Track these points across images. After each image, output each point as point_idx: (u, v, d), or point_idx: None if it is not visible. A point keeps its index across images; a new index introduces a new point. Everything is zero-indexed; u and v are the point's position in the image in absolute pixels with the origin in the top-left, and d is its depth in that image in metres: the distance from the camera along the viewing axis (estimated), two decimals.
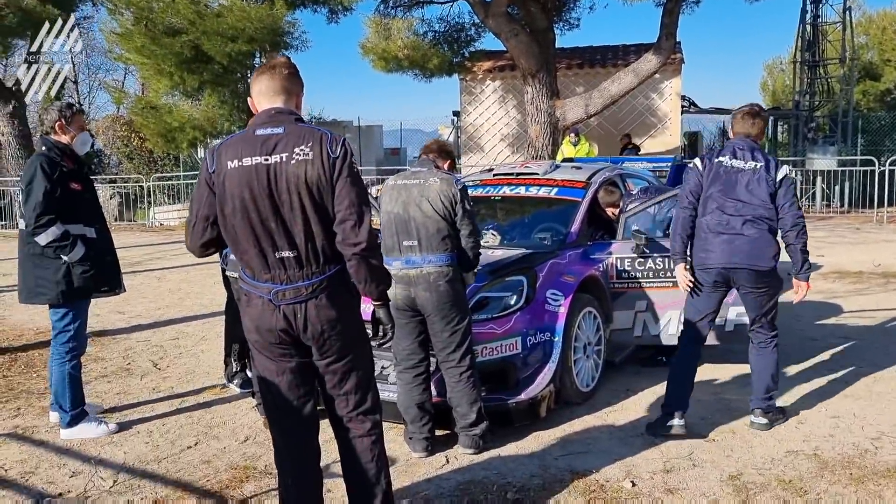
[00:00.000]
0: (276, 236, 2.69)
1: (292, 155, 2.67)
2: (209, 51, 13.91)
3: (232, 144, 2.74)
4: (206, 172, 2.75)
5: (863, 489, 3.55)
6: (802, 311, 7.17)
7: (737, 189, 4.23)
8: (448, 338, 3.98)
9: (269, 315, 2.73)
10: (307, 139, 2.70)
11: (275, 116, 2.77)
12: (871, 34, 27.48)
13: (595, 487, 3.62)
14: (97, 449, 4.26)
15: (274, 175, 2.66)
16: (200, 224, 2.79)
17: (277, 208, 2.67)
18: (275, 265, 2.71)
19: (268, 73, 2.83)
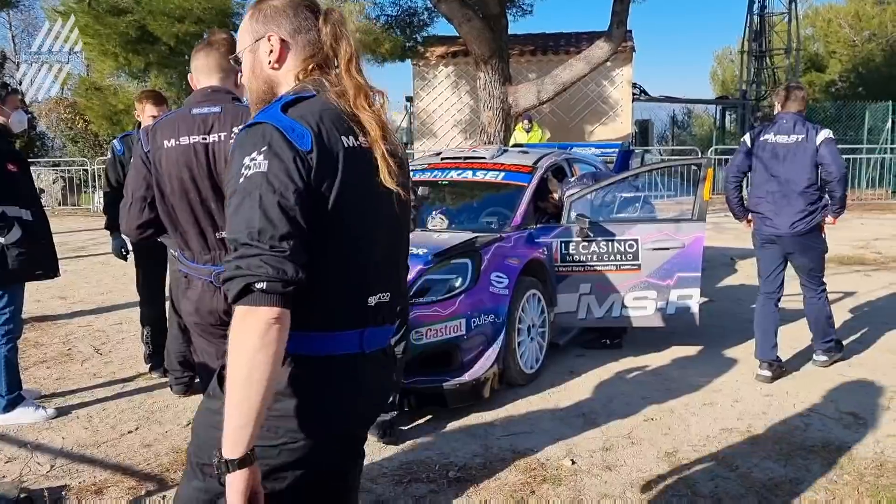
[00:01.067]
0: (216, 216, 2.65)
1: (230, 134, 2.65)
2: (155, 31, 13.63)
3: (167, 123, 2.69)
4: (142, 152, 2.70)
5: (792, 463, 3.67)
6: (742, 294, 7.38)
7: (782, 164, 4.80)
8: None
9: (210, 297, 2.69)
10: (245, 119, 2.66)
11: (211, 95, 2.74)
12: (817, 26, 28.20)
13: (536, 466, 3.68)
14: (34, 434, 4.18)
15: (213, 154, 2.63)
16: (137, 205, 2.72)
17: (217, 188, 2.62)
18: (215, 246, 2.68)
19: (204, 50, 2.79)
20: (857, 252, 9.62)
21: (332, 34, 1.72)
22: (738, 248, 10.19)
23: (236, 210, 1.52)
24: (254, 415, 1.45)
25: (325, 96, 1.66)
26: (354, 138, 1.64)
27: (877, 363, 5.18)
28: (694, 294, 5.22)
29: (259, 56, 1.75)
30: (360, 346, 1.67)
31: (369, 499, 3.37)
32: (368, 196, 1.66)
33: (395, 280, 1.81)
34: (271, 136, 1.52)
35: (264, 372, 1.45)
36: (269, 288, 1.46)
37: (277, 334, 1.47)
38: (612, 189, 5.62)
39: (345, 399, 1.65)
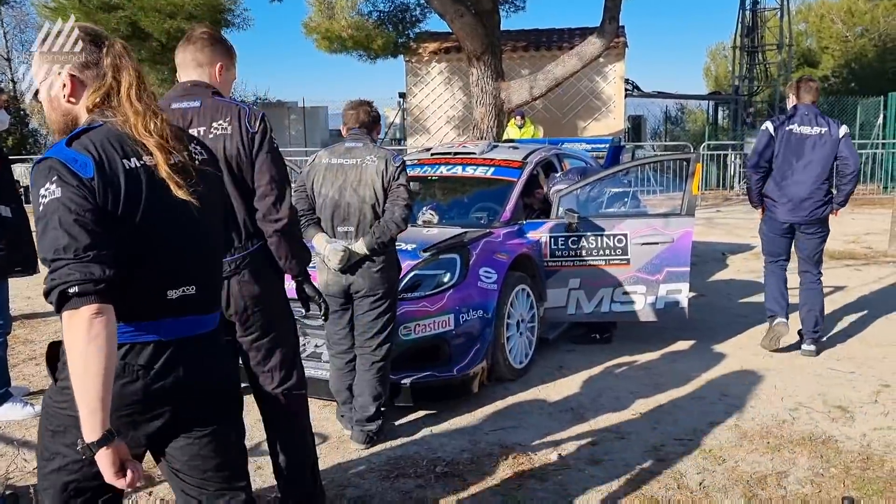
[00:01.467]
0: None
1: (210, 129, 2.64)
2: (147, 27, 13.59)
3: None
4: None
5: (779, 457, 3.69)
6: (732, 289, 7.41)
7: (805, 155, 5.05)
8: (370, 322, 3.88)
9: None
10: (224, 113, 2.67)
11: (190, 89, 2.73)
12: (809, 22, 28.23)
13: (523, 461, 3.69)
14: (21, 431, 4.17)
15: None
16: None
17: None
18: None
19: (183, 45, 2.78)
20: (847, 247, 9.65)
21: (113, 65, 1.90)
22: (729, 243, 10.22)
23: (42, 234, 1.72)
24: (98, 401, 1.67)
25: (111, 124, 1.85)
26: (137, 159, 1.84)
27: (865, 357, 5.20)
28: (683, 288, 5.23)
29: (55, 91, 1.91)
30: (158, 334, 1.87)
31: (355, 494, 3.38)
32: (159, 206, 1.85)
33: (202, 275, 1.99)
34: (58, 169, 1.73)
35: (98, 362, 1.66)
36: (82, 290, 1.66)
37: (102, 326, 1.67)
38: (600, 184, 5.62)
39: (139, 383, 1.86)
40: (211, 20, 14.74)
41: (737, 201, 15.96)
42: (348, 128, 4.05)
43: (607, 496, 3.34)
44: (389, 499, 3.33)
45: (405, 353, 4.32)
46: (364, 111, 4.03)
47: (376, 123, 4.10)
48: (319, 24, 14.28)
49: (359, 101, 4.08)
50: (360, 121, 4.02)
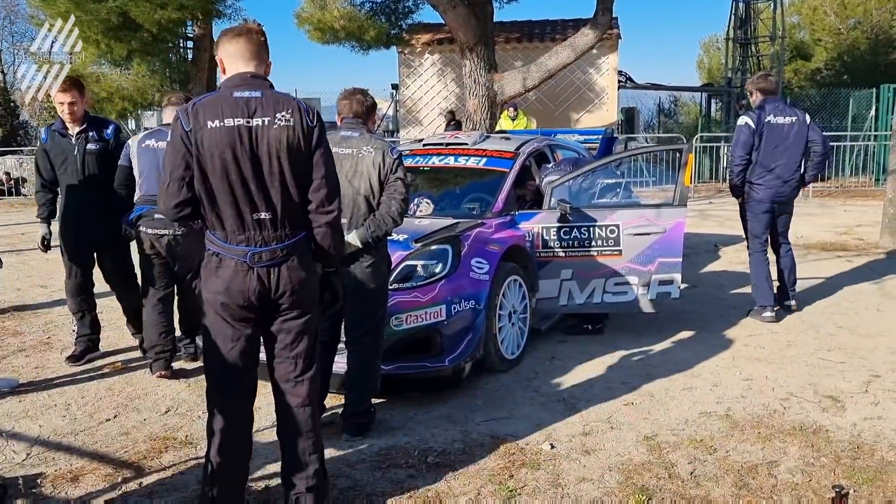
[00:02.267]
0: (255, 197, 2.73)
1: (274, 119, 2.75)
2: (137, 18, 13.43)
3: (209, 104, 2.72)
4: (182, 131, 2.70)
5: (769, 446, 3.69)
6: (724, 280, 7.42)
7: (785, 142, 5.75)
8: (362, 318, 3.85)
9: (243, 277, 2.76)
10: (285, 106, 2.78)
11: (251, 80, 2.80)
12: (802, 14, 28.22)
13: (515, 451, 3.69)
14: (11, 423, 4.15)
15: (256, 137, 2.72)
16: (175, 184, 2.72)
17: (258, 170, 2.73)
18: (251, 226, 2.75)
19: (245, 37, 2.84)
20: (839, 238, 9.67)
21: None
22: (721, 234, 10.23)
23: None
24: None
25: None
26: None
27: (856, 347, 5.21)
28: (675, 279, 5.23)
29: None
30: None
31: (347, 484, 3.37)
32: None
33: None
34: None
35: None
36: None
37: None
38: (592, 175, 5.61)
39: None
40: (202, 10, 14.62)
41: (729, 193, 15.96)
42: (342, 117, 3.98)
43: (599, 486, 3.34)
44: (381, 489, 3.32)
45: (397, 343, 4.31)
46: (358, 100, 3.95)
47: (372, 112, 4.02)
48: (311, 15, 14.19)
49: (353, 90, 4.00)
50: (354, 110, 3.95)
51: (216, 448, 2.89)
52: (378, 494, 3.28)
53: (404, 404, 4.29)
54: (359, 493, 3.28)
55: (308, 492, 2.96)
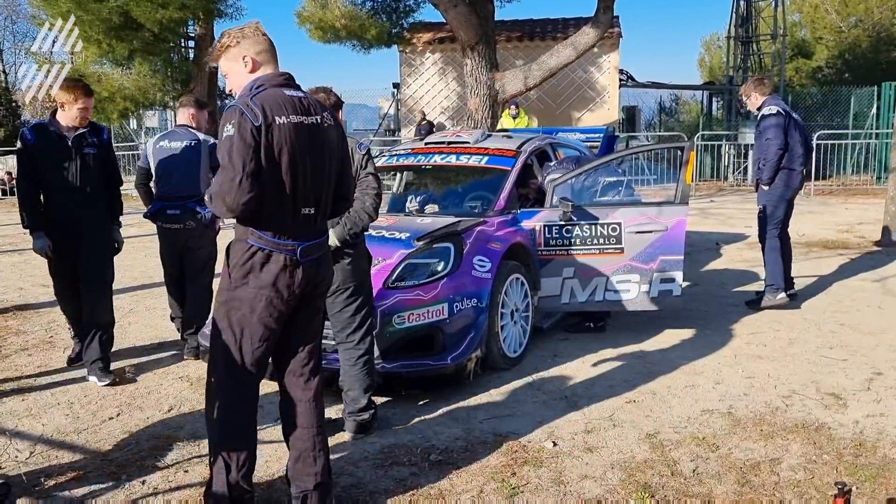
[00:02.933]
0: (308, 193, 2.83)
1: (323, 118, 2.88)
2: (139, 17, 13.47)
3: (270, 100, 2.75)
4: (251, 125, 2.67)
5: (772, 444, 3.69)
6: (726, 278, 7.42)
7: (801, 133, 6.19)
8: (348, 318, 3.82)
9: (291, 272, 2.82)
10: (323, 107, 2.93)
11: (290, 80, 2.89)
12: (803, 12, 28.19)
13: (517, 448, 3.69)
14: (14, 421, 4.15)
15: (314, 134, 2.83)
16: (248, 179, 2.68)
17: (315, 166, 2.84)
18: (301, 221, 2.83)
19: (268, 37, 2.92)
20: (840, 236, 9.67)
21: None
22: (722, 232, 10.24)
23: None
24: None
25: None
26: None
27: (858, 345, 5.21)
28: (677, 277, 5.23)
29: None
30: None
31: (350, 482, 3.37)
32: None
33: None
34: None
35: None
36: None
37: None
38: (594, 173, 5.61)
39: None
40: (203, 10, 14.65)
41: (730, 191, 15.99)
42: None
43: (601, 483, 3.34)
44: (383, 487, 3.33)
45: (399, 341, 4.32)
46: (320, 98, 3.80)
47: (337, 109, 3.91)
48: (313, 14, 14.22)
49: (315, 89, 3.91)
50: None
51: (231, 441, 2.90)
52: (381, 492, 3.28)
53: (407, 402, 4.29)
54: (362, 492, 3.29)
55: (315, 489, 2.98)
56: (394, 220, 5.21)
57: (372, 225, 4.94)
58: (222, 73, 2.98)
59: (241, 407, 2.92)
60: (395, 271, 4.43)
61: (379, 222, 5.07)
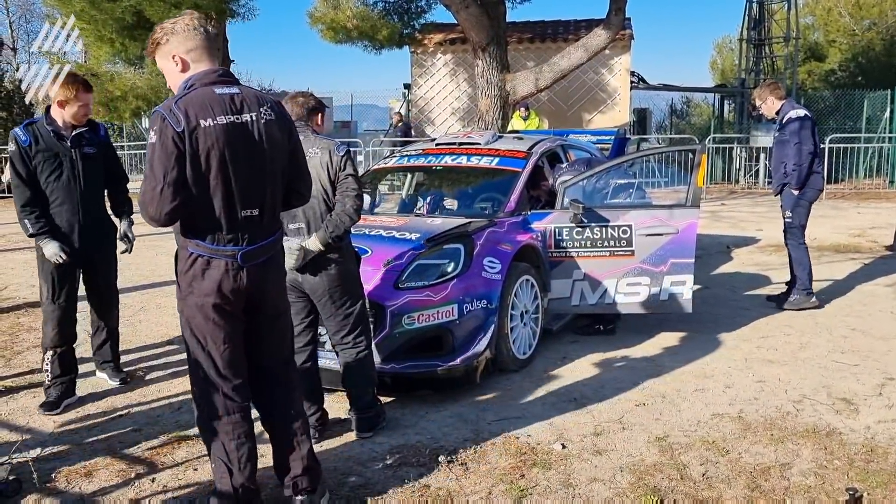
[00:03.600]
0: (246, 195, 2.73)
1: (260, 115, 2.76)
2: (152, 17, 13.51)
3: (195, 102, 2.65)
4: (173, 132, 2.59)
5: (782, 448, 3.68)
6: (736, 282, 7.39)
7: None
8: (342, 321, 3.79)
9: (234, 276, 2.76)
10: (263, 101, 2.80)
11: (224, 77, 2.80)
12: (817, 15, 28.02)
13: (526, 450, 3.68)
14: (25, 418, 4.18)
15: (249, 133, 2.72)
16: (170, 188, 2.59)
17: (252, 166, 2.74)
18: (241, 225, 2.74)
19: (205, 32, 2.78)
20: (853, 240, 9.61)
21: None
22: (733, 235, 10.20)
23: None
24: None
25: None
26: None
27: (870, 350, 5.18)
28: (687, 280, 5.21)
29: None
30: None
31: (359, 482, 3.38)
32: None
33: None
34: None
35: None
36: None
37: None
38: (605, 175, 5.60)
39: None
40: (216, 10, 14.65)
41: (742, 194, 15.92)
42: None
43: (611, 486, 3.34)
44: (392, 487, 3.33)
45: (408, 342, 4.32)
46: (298, 103, 3.83)
47: (314, 113, 3.86)
48: (324, 15, 14.25)
49: (295, 93, 3.91)
50: (297, 113, 3.79)
51: (226, 445, 2.89)
52: (389, 493, 3.28)
53: (416, 403, 4.29)
54: (370, 492, 3.29)
55: (304, 473, 3.02)
56: (404, 220, 5.22)
57: (382, 225, 5.00)
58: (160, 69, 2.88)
59: (228, 409, 2.88)
60: (405, 272, 4.43)
61: (389, 223, 5.10)
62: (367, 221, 5.07)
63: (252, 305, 2.87)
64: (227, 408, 2.88)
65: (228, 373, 2.85)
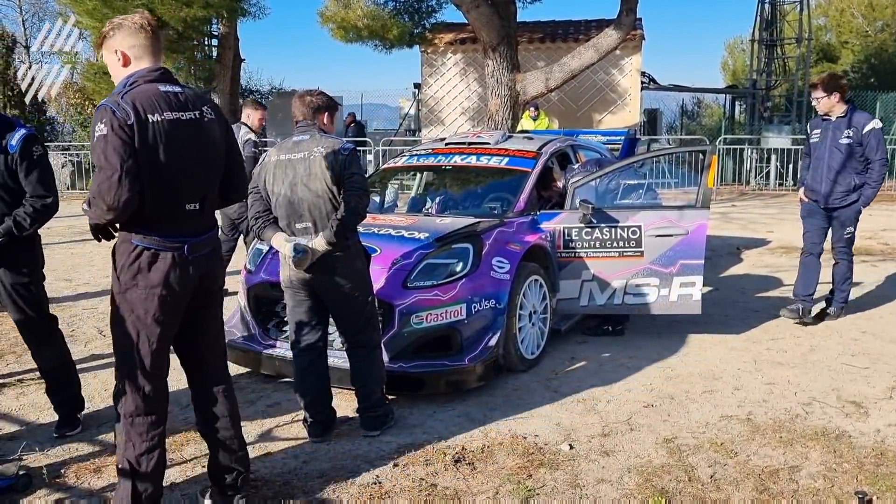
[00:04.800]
0: (190, 189, 2.82)
1: (203, 113, 2.85)
2: (163, 16, 13.56)
3: (142, 97, 2.70)
4: (122, 123, 2.62)
5: (791, 451, 3.66)
6: (747, 284, 7.35)
7: None
8: (351, 319, 3.80)
9: (182, 269, 2.81)
10: (204, 101, 2.90)
11: (166, 75, 2.84)
12: (829, 16, 27.90)
13: (534, 450, 3.68)
14: (35, 413, 4.21)
15: (192, 130, 2.80)
16: (127, 177, 2.62)
17: (196, 162, 2.83)
18: (185, 218, 2.82)
19: (151, 33, 2.82)
20: (864, 242, 9.54)
21: None
22: (743, 237, 10.15)
23: None
24: None
25: None
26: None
27: (880, 353, 5.15)
28: (697, 282, 5.19)
29: None
30: None
31: (366, 480, 3.38)
32: None
33: None
34: None
35: None
36: None
37: None
38: (615, 176, 5.59)
39: None
40: (227, 9, 14.72)
41: (752, 196, 15.85)
42: (295, 121, 3.86)
43: (618, 487, 3.33)
44: (399, 486, 3.33)
45: (416, 341, 4.32)
46: (307, 101, 3.81)
47: (322, 111, 3.83)
48: (335, 14, 14.24)
49: (303, 92, 3.89)
50: (304, 112, 3.81)
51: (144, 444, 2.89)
52: (396, 492, 3.29)
53: (424, 402, 4.29)
54: (378, 490, 3.29)
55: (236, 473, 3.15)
56: (413, 219, 5.22)
57: (391, 224, 5.00)
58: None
59: (146, 409, 2.88)
60: (413, 271, 4.43)
61: (398, 222, 5.10)
62: (376, 220, 5.08)
63: (196, 298, 2.93)
64: (144, 408, 2.88)
65: (154, 371, 2.87)
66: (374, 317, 3.89)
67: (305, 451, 3.71)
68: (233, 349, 4.72)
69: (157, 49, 2.84)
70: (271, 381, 4.64)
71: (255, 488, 3.31)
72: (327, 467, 3.52)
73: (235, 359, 4.71)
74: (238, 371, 4.79)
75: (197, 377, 3.11)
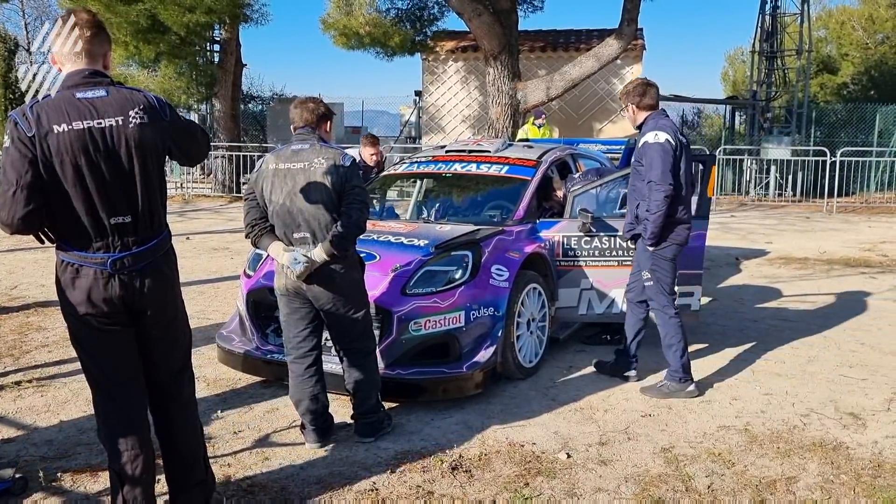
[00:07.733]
0: (114, 201, 2.62)
1: (128, 118, 2.61)
2: (166, 21, 13.64)
3: (51, 107, 2.56)
4: (24, 136, 2.52)
5: (789, 462, 3.66)
6: (746, 294, 7.36)
7: None
8: (346, 327, 3.78)
9: (104, 285, 2.65)
10: (136, 103, 2.64)
11: (90, 78, 2.64)
12: (830, 28, 27.96)
13: (531, 458, 3.68)
14: (32, 416, 4.20)
15: (112, 139, 2.59)
16: (24, 192, 2.51)
17: (118, 172, 2.61)
18: (110, 232, 2.64)
19: (75, 30, 2.66)
20: (863, 254, 9.57)
21: None
22: (743, 248, 10.16)
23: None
24: None
25: None
26: None
27: (878, 364, 5.15)
28: (695, 292, 5.20)
29: None
30: None
31: (363, 487, 3.38)
32: None
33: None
34: None
35: None
36: None
37: None
38: (616, 185, 5.60)
39: None
40: (229, 14, 14.80)
41: (752, 206, 15.87)
42: (295, 128, 3.81)
43: (615, 497, 3.33)
44: (396, 493, 3.33)
45: (414, 348, 4.32)
46: (308, 108, 3.77)
47: (323, 121, 3.80)
48: (337, 21, 14.29)
49: (303, 99, 3.87)
50: (305, 119, 3.76)
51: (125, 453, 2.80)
52: (393, 498, 3.29)
53: (421, 409, 4.29)
54: (374, 497, 3.29)
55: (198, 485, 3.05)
56: (413, 227, 5.23)
57: (391, 231, 5.01)
58: None
59: (122, 419, 2.80)
60: (412, 278, 4.44)
61: (398, 229, 5.11)
62: (376, 227, 5.09)
63: (134, 315, 2.75)
64: (119, 418, 2.81)
65: (113, 382, 2.78)
66: (368, 325, 3.88)
67: (303, 457, 3.70)
68: (231, 354, 4.73)
69: (85, 50, 2.65)
70: (269, 387, 4.64)
71: (251, 493, 3.31)
72: (324, 473, 3.52)
73: (234, 364, 4.72)
74: (236, 376, 4.80)
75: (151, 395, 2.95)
